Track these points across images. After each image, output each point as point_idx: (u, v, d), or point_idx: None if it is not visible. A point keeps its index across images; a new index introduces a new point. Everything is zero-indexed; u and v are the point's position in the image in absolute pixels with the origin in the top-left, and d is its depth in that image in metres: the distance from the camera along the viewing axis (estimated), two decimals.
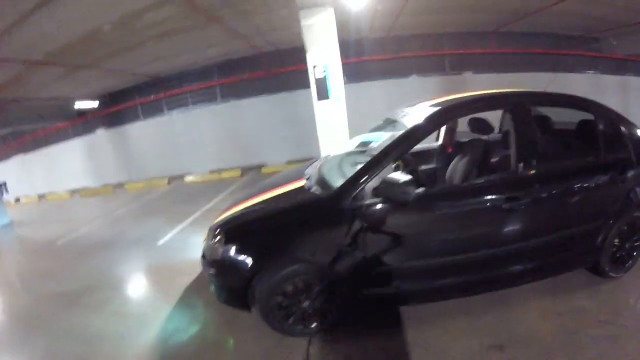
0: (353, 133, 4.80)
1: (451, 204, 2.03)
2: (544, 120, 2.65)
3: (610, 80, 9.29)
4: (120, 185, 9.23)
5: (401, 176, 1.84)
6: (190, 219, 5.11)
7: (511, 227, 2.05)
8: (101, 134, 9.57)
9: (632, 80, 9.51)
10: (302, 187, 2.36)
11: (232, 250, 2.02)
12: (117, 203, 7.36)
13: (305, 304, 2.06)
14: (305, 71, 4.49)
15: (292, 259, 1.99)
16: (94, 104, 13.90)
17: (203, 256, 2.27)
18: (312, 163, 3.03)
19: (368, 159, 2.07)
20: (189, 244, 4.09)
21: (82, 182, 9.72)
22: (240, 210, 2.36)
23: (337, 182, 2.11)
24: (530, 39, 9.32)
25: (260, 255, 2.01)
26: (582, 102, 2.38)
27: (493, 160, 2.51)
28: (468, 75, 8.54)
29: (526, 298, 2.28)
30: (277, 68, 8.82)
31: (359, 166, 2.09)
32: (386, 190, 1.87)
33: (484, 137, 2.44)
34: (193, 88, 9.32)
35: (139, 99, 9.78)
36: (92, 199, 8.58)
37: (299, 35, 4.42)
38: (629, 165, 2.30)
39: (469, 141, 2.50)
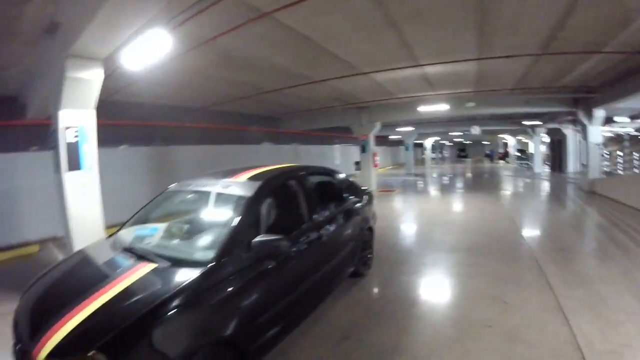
0: None
1: (303, 242, 2.73)
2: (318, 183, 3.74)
3: (286, 148, 13.36)
4: None
5: (270, 236, 2.25)
6: None
7: (324, 254, 2.99)
8: None
9: (300, 147, 14.35)
10: (155, 270, 2.04)
11: None
12: None
13: None
14: None
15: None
16: None
17: None
18: (89, 253, 2.56)
19: (201, 231, 2.56)
20: None
21: None
22: (78, 325, 1.64)
23: (198, 254, 2.25)
24: (229, 117, 11.48)
25: None
26: (329, 171, 3.92)
27: (298, 212, 3.12)
28: (175, 147, 9.24)
29: (329, 307, 3.21)
30: None
31: (199, 239, 2.48)
32: (263, 248, 2.19)
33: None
34: None
35: None
36: None
37: None
38: (359, 204, 3.91)
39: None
